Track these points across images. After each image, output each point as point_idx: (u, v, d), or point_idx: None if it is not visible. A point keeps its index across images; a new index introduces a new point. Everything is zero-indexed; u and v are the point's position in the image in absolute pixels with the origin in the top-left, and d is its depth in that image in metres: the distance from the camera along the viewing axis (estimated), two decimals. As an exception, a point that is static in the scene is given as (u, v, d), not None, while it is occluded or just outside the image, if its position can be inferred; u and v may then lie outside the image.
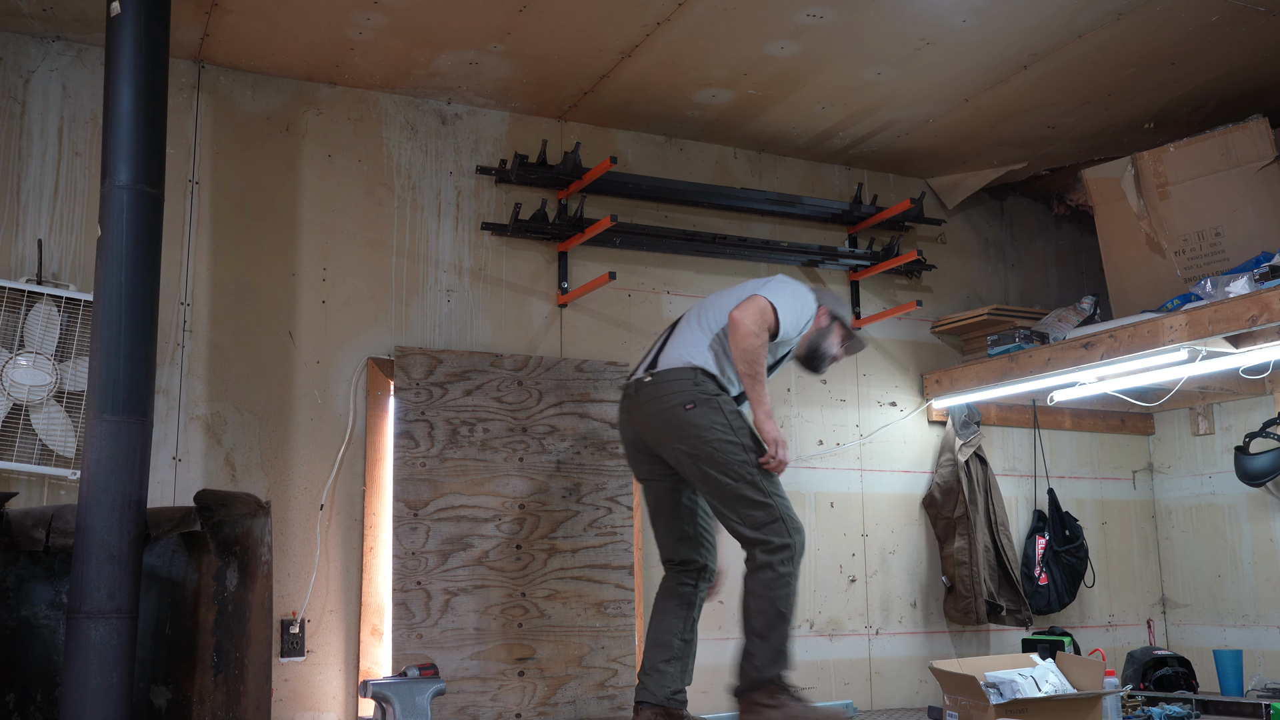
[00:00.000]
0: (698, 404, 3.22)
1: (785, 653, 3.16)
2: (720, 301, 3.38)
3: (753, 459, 3.19)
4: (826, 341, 3.48)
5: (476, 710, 3.63)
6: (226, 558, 3.00)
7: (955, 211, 5.00)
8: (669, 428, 3.25)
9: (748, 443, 3.21)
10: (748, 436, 3.22)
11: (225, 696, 2.92)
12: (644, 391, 3.32)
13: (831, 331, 3.48)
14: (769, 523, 3.16)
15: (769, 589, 3.15)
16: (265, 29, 3.57)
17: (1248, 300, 3.58)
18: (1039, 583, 4.66)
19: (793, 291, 3.33)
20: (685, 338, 3.36)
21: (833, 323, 3.47)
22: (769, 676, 3.15)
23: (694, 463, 3.21)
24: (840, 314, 3.50)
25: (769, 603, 3.15)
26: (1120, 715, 3.52)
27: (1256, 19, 3.61)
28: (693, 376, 3.26)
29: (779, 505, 3.18)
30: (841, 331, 3.51)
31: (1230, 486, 4.79)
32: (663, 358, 3.35)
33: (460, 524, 3.74)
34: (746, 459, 3.18)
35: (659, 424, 3.27)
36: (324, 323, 3.81)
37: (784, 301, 3.26)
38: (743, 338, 3.17)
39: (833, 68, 3.89)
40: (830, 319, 3.46)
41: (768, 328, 3.21)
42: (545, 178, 4.12)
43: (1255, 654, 4.63)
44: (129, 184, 2.87)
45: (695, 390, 3.24)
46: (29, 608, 2.99)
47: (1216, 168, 4.14)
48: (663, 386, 3.28)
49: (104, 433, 2.76)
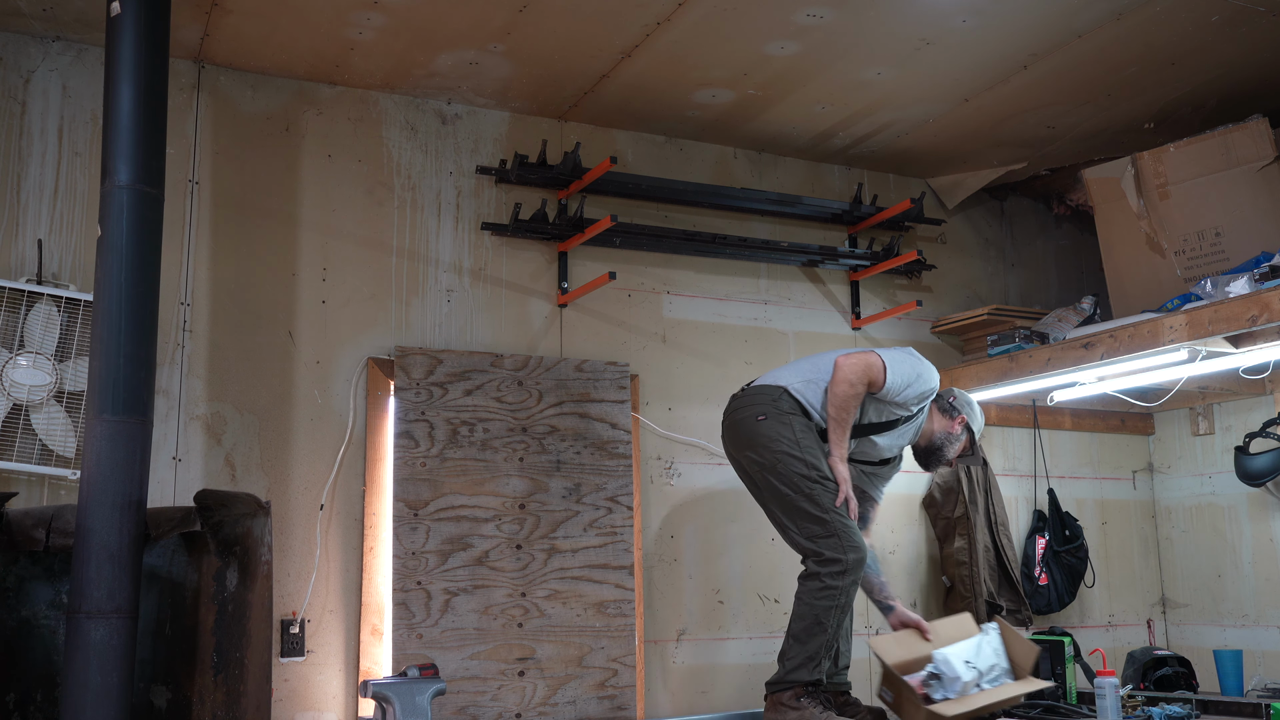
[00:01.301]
0: (769, 417, 3.45)
1: (817, 660, 3.31)
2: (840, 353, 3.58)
3: (814, 475, 3.35)
4: (950, 447, 3.71)
5: (476, 710, 3.63)
6: (226, 558, 3.01)
7: (955, 211, 5.00)
8: (743, 437, 3.51)
9: (811, 460, 3.37)
10: (814, 455, 3.39)
11: (225, 696, 2.93)
12: (732, 403, 3.61)
13: (959, 440, 3.71)
14: (824, 536, 3.32)
15: (814, 597, 3.32)
16: (265, 29, 3.57)
17: (1248, 300, 3.58)
18: (1039, 583, 4.66)
19: (912, 363, 3.54)
20: (791, 365, 3.66)
21: (964, 433, 3.70)
22: (797, 679, 3.31)
23: (760, 471, 3.44)
24: (974, 428, 3.72)
25: (810, 609, 3.32)
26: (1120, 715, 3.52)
27: (1256, 19, 3.61)
28: (774, 394, 3.50)
29: (835, 521, 3.33)
30: (966, 442, 3.73)
31: (1230, 486, 4.79)
32: (762, 377, 3.63)
33: (460, 524, 3.74)
34: (808, 474, 3.35)
35: (736, 434, 3.55)
36: (324, 323, 3.81)
37: (897, 364, 3.48)
38: (838, 383, 3.41)
39: (833, 68, 3.89)
40: (964, 430, 3.70)
41: (869, 382, 3.43)
42: (545, 178, 4.12)
43: (1255, 654, 4.63)
44: (129, 184, 2.87)
45: (771, 405, 3.47)
46: (29, 608, 2.99)
47: (1216, 168, 4.14)
48: (746, 399, 3.56)
49: (104, 433, 2.76)
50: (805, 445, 3.40)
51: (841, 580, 3.29)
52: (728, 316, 4.45)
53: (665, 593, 4.12)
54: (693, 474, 4.25)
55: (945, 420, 3.70)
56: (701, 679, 4.14)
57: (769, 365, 4.46)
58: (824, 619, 3.30)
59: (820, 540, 3.32)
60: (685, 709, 4.06)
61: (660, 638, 4.08)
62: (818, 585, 3.31)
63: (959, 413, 3.70)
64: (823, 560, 3.31)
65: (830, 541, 3.30)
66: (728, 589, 4.25)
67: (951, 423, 3.69)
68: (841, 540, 3.30)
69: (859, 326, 4.66)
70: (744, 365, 4.43)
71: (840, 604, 3.30)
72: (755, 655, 4.23)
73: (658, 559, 4.13)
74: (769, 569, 4.31)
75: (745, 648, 4.23)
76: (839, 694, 3.55)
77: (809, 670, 3.30)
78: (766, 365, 4.45)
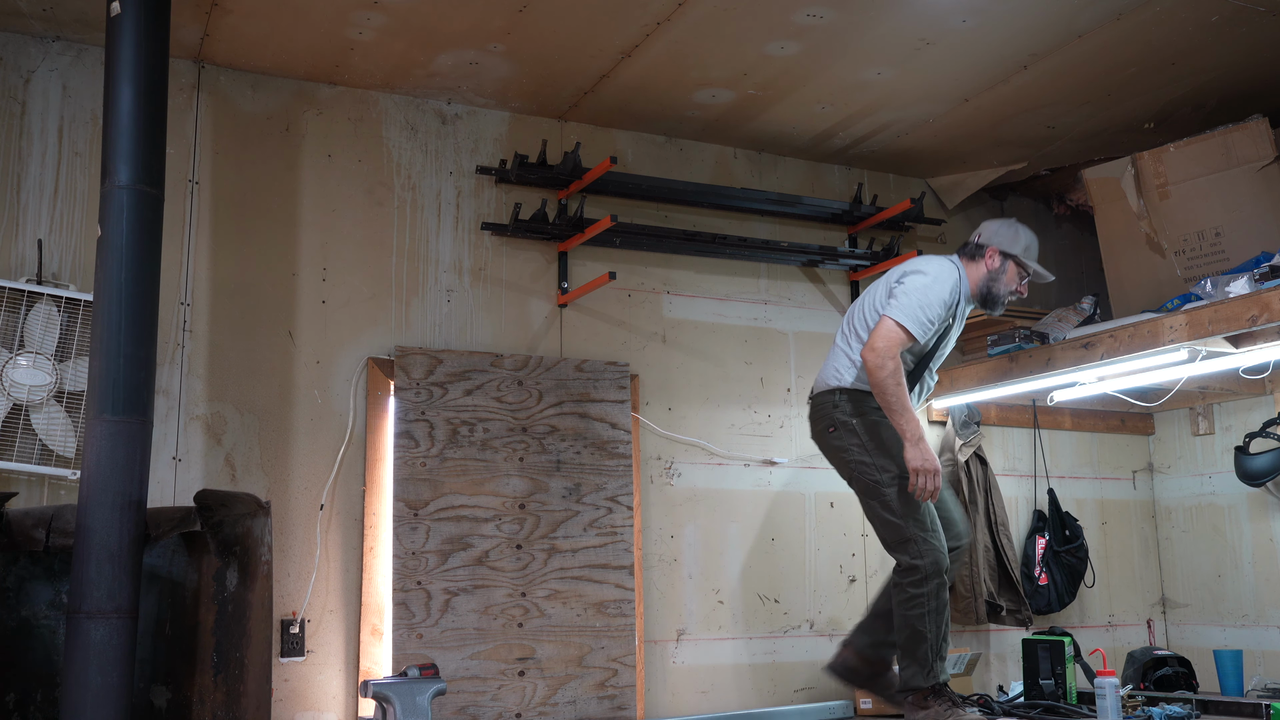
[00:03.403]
0: (836, 428, 3.50)
1: (928, 665, 3.34)
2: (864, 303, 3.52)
3: (886, 479, 3.36)
4: (999, 283, 3.52)
5: (476, 710, 3.63)
6: (226, 558, 3.00)
7: (955, 211, 5.00)
8: (822, 448, 3.65)
9: (883, 462, 3.38)
10: (883, 456, 3.38)
11: (225, 696, 2.93)
12: (809, 412, 3.71)
13: (1004, 271, 3.51)
14: (898, 543, 3.36)
15: (903, 607, 3.37)
16: (265, 29, 3.57)
17: (1248, 300, 3.58)
18: (1039, 583, 4.66)
19: (921, 286, 3.39)
20: (832, 353, 3.60)
21: (1005, 261, 3.50)
22: (916, 686, 3.36)
23: (848, 482, 3.53)
24: (1012, 251, 3.49)
25: (905, 620, 3.37)
26: (1120, 715, 3.52)
27: (1256, 19, 3.61)
28: (832, 400, 3.51)
29: (908, 527, 3.34)
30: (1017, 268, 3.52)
31: (1230, 486, 4.79)
32: (818, 378, 3.65)
33: (460, 524, 3.74)
34: (880, 479, 3.38)
35: (821, 448, 3.66)
36: (324, 323, 3.81)
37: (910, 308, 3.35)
38: (871, 373, 3.35)
39: (833, 68, 3.89)
40: (1002, 258, 3.49)
41: (898, 348, 3.34)
42: (545, 178, 4.12)
43: (1255, 654, 4.63)
44: (129, 184, 2.87)
45: (834, 414, 3.50)
46: (29, 608, 2.99)
47: (1216, 168, 4.14)
48: (814, 411, 3.65)
49: (104, 433, 2.76)
50: (873, 448, 3.40)
51: (923, 588, 3.33)
52: (728, 316, 4.44)
53: (665, 593, 4.12)
54: (693, 474, 4.25)
55: (976, 266, 3.55)
56: (701, 679, 4.14)
57: (769, 365, 4.47)
58: (919, 626, 3.34)
59: (896, 547, 3.37)
60: (685, 709, 4.07)
61: (660, 638, 4.08)
62: (904, 596, 3.37)
63: (985, 248, 3.54)
64: (901, 568, 3.37)
65: (905, 547, 3.35)
66: (728, 589, 4.25)
67: (981, 263, 3.53)
68: (917, 545, 3.33)
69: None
70: (744, 365, 4.43)
71: (929, 609, 3.34)
72: (755, 655, 4.23)
73: (658, 559, 4.13)
74: (769, 569, 4.32)
75: (745, 648, 4.23)
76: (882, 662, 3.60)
77: (924, 677, 3.35)
78: (766, 365, 4.46)
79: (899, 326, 3.35)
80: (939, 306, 3.41)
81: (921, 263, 3.53)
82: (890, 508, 3.34)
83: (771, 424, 4.43)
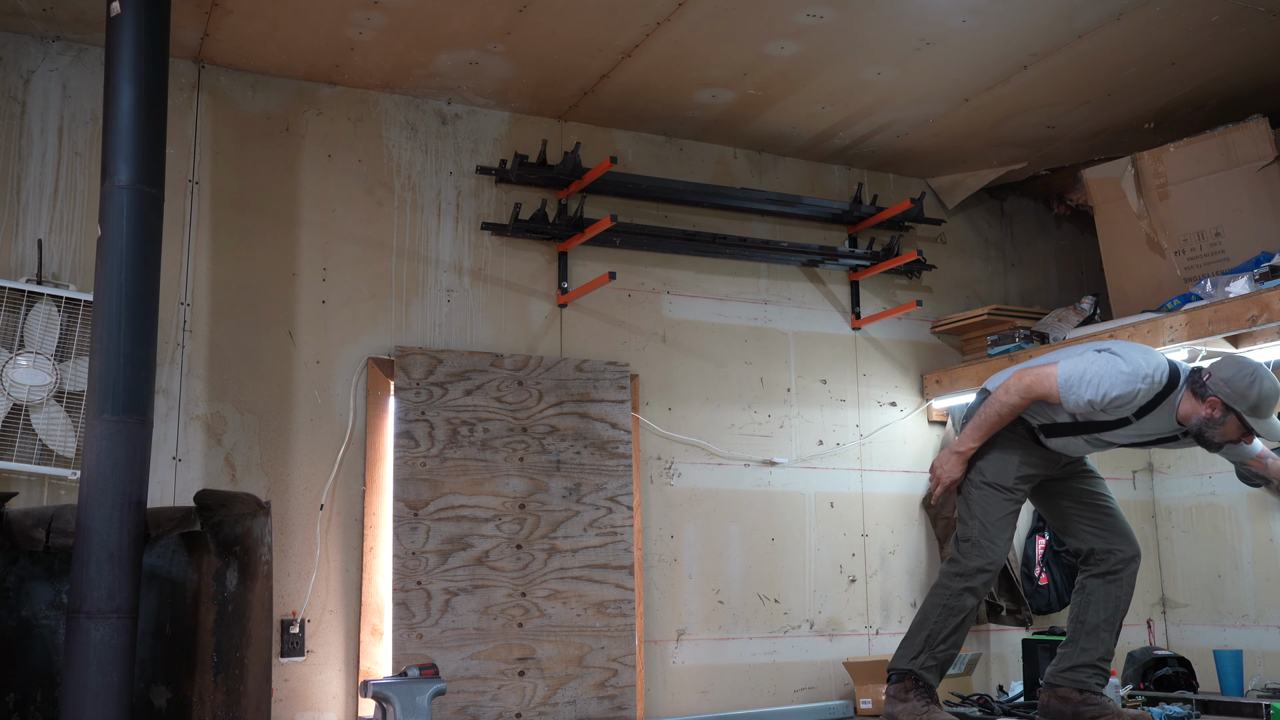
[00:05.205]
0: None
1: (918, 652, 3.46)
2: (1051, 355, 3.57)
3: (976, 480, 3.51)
4: (1214, 431, 3.26)
5: (476, 710, 3.63)
6: (226, 558, 3.00)
7: (955, 211, 5.00)
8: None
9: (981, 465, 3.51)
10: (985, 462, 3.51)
11: (225, 696, 2.92)
12: None
13: (1223, 423, 3.24)
14: (961, 539, 3.52)
15: (933, 593, 3.54)
16: (265, 29, 3.57)
17: (1248, 300, 3.58)
18: (1039, 583, 4.66)
19: (1106, 367, 3.25)
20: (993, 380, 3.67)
21: (1227, 415, 3.23)
22: (898, 668, 3.50)
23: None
24: (1237, 408, 3.21)
25: (928, 603, 3.54)
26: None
27: (1256, 19, 3.61)
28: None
29: (973, 528, 3.49)
30: (1240, 428, 3.25)
31: (1230, 486, 4.78)
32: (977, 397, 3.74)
33: (460, 524, 3.74)
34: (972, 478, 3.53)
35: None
36: (324, 323, 3.81)
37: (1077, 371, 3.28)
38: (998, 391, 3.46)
39: (833, 68, 3.89)
40: (1224, 411, 3.23)
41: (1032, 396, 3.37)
42: (545, 178, 4.12)
43: (1255, 654, 4.63)
44: (129, 184, 2.87)
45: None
46: (29, 608, 2.99)
47: (1216, 168, 4.14)
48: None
49: (104, 433, 2.76)
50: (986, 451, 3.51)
51: (953, 582, 3.47)
52: (728, 316, 4.44)
53: (665, 593, 4.12)
54: (693, 474, 4.25)
55: (1194, 403, 3.27)
56: (701, 679, 4.14)
57: (769, 365, 4.47)
58: (934, 615, 3.48)
59: (959, 543, 3.51)
60: (685, 709, 4.07)
61: (660, 638, 4.08)
62: (939, 583, 3.53)
63: (1209, 393, 3.23)
64: (950, 559, 3.52)
65: (963, 546, 3.49)
66: (728, 589, 4.25)
67: (1200, 405, 3.25)
68: (971, 546, 3.46)
69: (859, 326, 4.66)
70: (744, 365, 4.43)
71: (946, 604, 3.46)
72: (755, 655, 4.23)
73: (658, 559, 4.13)
74: (769, 569, 4.32)
75: (745, 648, 4.23)
76: (1079, 691, 3.54)
77: (907, 660, 3.48)
78: (766, 365, 4.46)
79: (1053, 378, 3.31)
80: (1100, 398, 3.24)
81: (1139, 355, 3.31)
82: (970, 509, 3.51)
83: (771, 424, 4.44)
